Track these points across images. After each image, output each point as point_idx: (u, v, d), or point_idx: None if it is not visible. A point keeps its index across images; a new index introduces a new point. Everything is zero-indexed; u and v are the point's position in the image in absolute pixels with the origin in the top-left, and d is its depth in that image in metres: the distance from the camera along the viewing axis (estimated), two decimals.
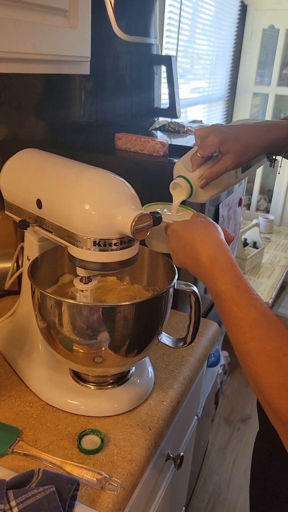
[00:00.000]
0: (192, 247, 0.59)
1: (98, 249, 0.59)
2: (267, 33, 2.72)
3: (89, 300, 0.66)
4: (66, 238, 0.62)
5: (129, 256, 0.62)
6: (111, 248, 0.60)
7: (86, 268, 0.62)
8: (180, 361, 0.82)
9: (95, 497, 0.56)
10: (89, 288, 0.65)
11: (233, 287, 0.53)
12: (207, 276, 0.56)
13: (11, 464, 0.59)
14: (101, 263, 0.60)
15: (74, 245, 0.61)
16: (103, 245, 0.59)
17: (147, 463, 0.64)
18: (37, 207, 0.66)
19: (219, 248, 0.57)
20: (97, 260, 0.60)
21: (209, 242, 0.58)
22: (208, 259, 0.56)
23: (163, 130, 1.25)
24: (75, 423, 0.67)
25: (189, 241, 0.60)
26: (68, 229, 0.61)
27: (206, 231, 0.60)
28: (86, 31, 0.77)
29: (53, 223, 0.64)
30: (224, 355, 2.11)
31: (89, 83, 1.05)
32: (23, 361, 0.76)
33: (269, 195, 3.05)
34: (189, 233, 0.61)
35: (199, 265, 0.58)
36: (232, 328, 0.51)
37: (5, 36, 0.63)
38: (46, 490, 0.51)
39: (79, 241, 0.60)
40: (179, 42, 1.96)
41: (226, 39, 2.56)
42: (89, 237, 0.59)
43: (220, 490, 1.69)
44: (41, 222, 0.67)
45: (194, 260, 0.59)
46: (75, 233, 0.60)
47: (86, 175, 0.61)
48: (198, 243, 0.59)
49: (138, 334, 0.65)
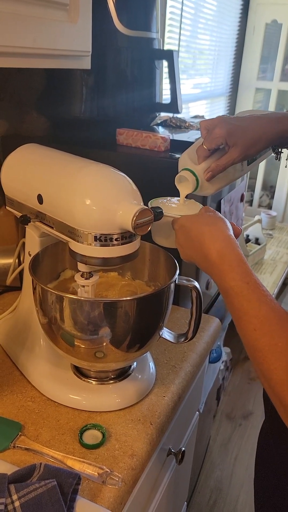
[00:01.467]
0: (201, 242, 0.58)
1: (99, 244, 0.59)
2: (270, 28, 2.70)
3: (90, 296, 0.66)
4: (67, 234, 0.62)
5: (130, 251, 0.62)
6: (112, 243, 0.59)
7: (87, 264, 0.62)
8: (182, 356, 0.82)
9: (96, 492, 0.56)
10: (90, 283, 0.65)
11: (243, 283, 0.52)
12: (216, 272, 0.56)
13: (13, 458, 0.59)
14: (102, 258, 0.60)
15: (75, 240, 0.61)
16: (104, 240, 0.59)
17: (148, 458, 0.64)
18: (38, 203, 0.66)
19: (228, 244, 0.57)
20: (98, 256, 0.60)
21: (218, 238, 0.57)
22: (217, 255, 0.56)
23: (164, 125, 1.24)
24: (77, 418, 0.67)
25: (198, 237, 0.59)
26: (69, 224, 0.61)
27: (215, 226, 0.59)
28: (87, 25, 0.77)
29: (54, 219, 0.64)
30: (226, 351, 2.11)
31: (90, 78, 1.05)
32: (24, 356, 0.76)
33: (272, 191, 3.04)
34: (197, 228, 0.60)
35: (208, 261, 0.57)
36: (243, 325, 0.50)
37: (5, 30, 0.62)
38: (47, 484, 0.51)
39: (80, 236, 0.60)
40: (181, 37, 1.95)
41: (228, 34, 2.54)
42: (90, 232, 0.59)
43: (222, 485, 1.69)
44: (42, 217, 0.67)
45: (203, 256, 0.58)
46: (76, 228, 0.60)
47: (87, 170, 0.61)
48: (206, 238, 0.58)
49: (139, 330, 0.65)
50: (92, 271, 0.65)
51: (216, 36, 2.37)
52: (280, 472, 0.68)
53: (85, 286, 0.66)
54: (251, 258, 2.23)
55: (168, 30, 1.83)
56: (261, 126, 0.70)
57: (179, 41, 1.94)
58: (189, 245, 0.61)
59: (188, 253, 0.62)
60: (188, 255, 0.62)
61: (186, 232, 0.62)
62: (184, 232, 0.62)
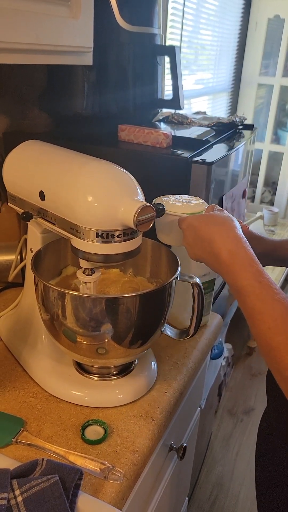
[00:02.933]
0: (211, 242, 0.58)
1: (101, 241, 0.59)
2: (272, 23, 2.69)
3: (92, 292, 0.66)
4: (69, 230, 0.62)
5: (132, 248, 0.62)
6: (114, 240, 0.59)
7: (89, 260, 0.62)
8: (183, 353, 0.82)
9: (98, 487, 0.56)
10: (92, 280, 0.65)
11: (256, 282, 0.52)
12: (228, 272, 0.56)
13: (15, 454, 0.60)
14: (104, 255, 0.60)
15: (77, 237, 0.61)
16: (106, 237, 0.59)
17: (150, 453, 0.64)
18: (40, 199, 0.66)
19: (239, 243, 0.56)
20: (100, 252, 0.60)
21: (228, 237, 0.57)
22: (228, 255, 0.56)
23: (166, 121, 1.24)
24: (79, 414, 0.67)
25: (207, 236, 0.59)
26: (71, 221, 0.61)
27: (224, 225, 0.59)
28: (88, 21, 0.77)
29: (56, 215, 0.64)
30: (228, 348, 2.12)
31: (92, 74, 1.04)
32: (27, 352, 0.76)
33: (274, 187, 3.03)
34: (206, 228, 0.60)
35: (218, 261, 0.57)
36: (257, 324, 0.50)
37: (7, 26, 0.62)
38: (50, 480, 0.51)
39: (82, 233, 0.60)
40: (183, 32, 1.94)
41: (230, 29, 2.53)
42: (92, 229, 0.59)
43: (223, 481, 1.70)
44: (44, 214, 0.67)
45: (213, 255, 0.58)
46: (78, 225, 0.60)
47: (88, 167, 0.61)
48: (216, 238, 0.58)
49: (141, 326, 0.65)
50: (94, 268, 0.65)
51: (218, 31, 2.36)
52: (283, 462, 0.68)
53: (87, 283, 0.66)
54: None
55: (170, 25, 1.82)
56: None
57: (181, 37, 1.93)
58: (198, 244, 0.61)
59: (197, 253, 0.62)
60: (196, 255, 0.62)
61: (194, 231, 0.61)
62: (193, 231, 0.61)
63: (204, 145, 1.03)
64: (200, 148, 0.99)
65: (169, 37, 1.84)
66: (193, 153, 0.95)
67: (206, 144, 1.04)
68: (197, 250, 0.62)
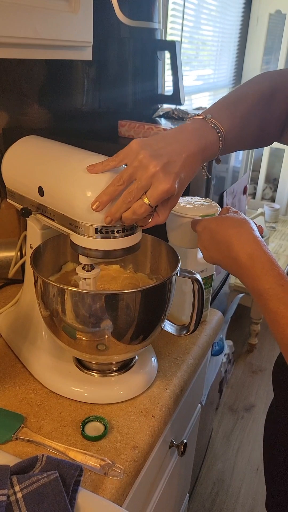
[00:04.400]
0: (229, 245, 0.57)
1: (100, 236, 0.59)
2: (274, 18, 2.67)
3: (92, 288, 0.66)
4: (68, 226, 0.62)
5: (131, 243, 0.62)
6: (113, 236, 0.59)
7: (88, 256, 0.62)
8: (184, 349, 0.82)
9: (98, 483, 0.56)
10: (91, 276, 0.65)
11: (278, 286, 0.52)
12: (248, 275, 0.55)
13: (15, 450, 0.60)
14: (104, 250, 0.60)
15: (76, 232, 0.60)
16: (105, 232, 0.59)
17: (150, 450, 0.64)
18: (39, 195, 0.66)
19: (258, 247, 0.56)
20: (100, 248, 0.60)
21: (247, 240, 0.56)
22: (248, 258, 0.55)
23: (167, 117, 1.23)
24: (79, 410, 0.67)
25: (224, 239, 0.58)
26: (70, 217, 0.61)
27: (242, 228, 0.58)
28: (88, 15, 0.76)
29: (55, 211, 0.64)
30: (228, 344, 2.12)
31: (92, 69, 1.04)
32: (27, 349, 0.76)
33: (275, 184, 3.02)
34: (224, 231, 0.59)
35: (237, 264, 0.56)
36: (280, 328, 0.50)
37: (6, 20, 0.62)
38: (49, 476, 0.51)
39: (81, 228, 0.59)
40: (183, 27, 1.93)
41: (231, 24, 2.52)
42: (91, 225, 0.58)
43: (224, 477, 1.70)
44: (43, 210, 0.67)
45: (231, 259, 0.57)
46: (77, 220, 0.59)
47: (88, 162, 0.61)
48: (234, 241, 0.57)
49: (141, 322, 0.65)
50: (94, 264, 0.65)
51: (219, 27, 2.35)
52: None
53: (86, 279, 0.65)
54: None
55: (170, 20, 1.81)
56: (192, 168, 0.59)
57: (181, 32, 1.92)
58: (215, 247, 0.60)
59: (214, 256, 0.61)
60: (213, 258, 0.61)
61: (211, 234, 0.60)
62: (209, 234, 0.60)
63: None
64: None
65: (169, 32, 1.83)
66: None
67: None
68: (213, 253, 0.61)
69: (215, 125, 0.61)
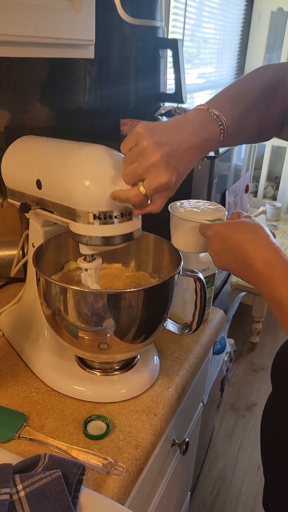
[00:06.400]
0: (243, 251, 0.55)
1: (99, 222, 0.59)
2: (276, 16, 2.67)
3: (93, 279, 0.65)
4: (67, 216, 0.62)
5: (131, 230, 0.61)
6: (112, 221, 0.59)
7: (88, 244, 0.61)
8: (186, 348, 0.82)
9: (100, 482, 0.56)
10: (93, 266, 0.65)
11: None
12: (264, 282, 0.53)
13: (18, 449, 0.60)
14: (103, 237, 0.60)
15: (75, 221, 0.60)
16: (103, 218, 0.59)
17: (152, 448, 0.64)
18: (38, 188, 0.66)
19: (275, 252, 0.54)
20: (99, 234, 0.60)
21: (263, 246, 0.55)
22: (264, 264, 0.53)
23: (169, 115, 1.23)
24: (81, 409, 0.67)
25: (238, 245, 0.56)
26: (68, 205, 0.61)
27: (256, 234, 0.56)
28: (90, 13, 0.76)
29: (53, 202, 0.64)
30: (230, 343, 2.12)
31: (94, 67, 1.04)
32: (29, 347, 0.76)
33: (277, 182, 3.02)
34: (237, 237, 0.57)
35: (252, 271, 0.54)
36: None
37: (7, 18, 0.62)
38: (52, 475, 0.51)
39: (80, 216, 0.59)
40: (185, 26, 1.92)
41: (233, 22, 2.51)
42: (89, 211, 0.58)
43: (226, 475, 1.70)
44: (42, 204, 0.67)
45: (246, 265, 0.55)
46: (75, 208, 0.59)
47: (84, 150, 0.61)
48: (249, 247, 0.55)
49: (143, 321, 0.65)
50: (95, 254, 0.65)
51: (221, 24, 2.34)
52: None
53: (88, 270, 0.65)
54: None
55: (172, 18, 1.81)
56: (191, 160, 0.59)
57: (183, 30, 1.92)
58: (227, 253, 0.58)
59: (226, 262, 0.59)
60: (225, 264, 0.59)
61: (223, 239, 0.58)
62: (221, 240, 0.58)
63: None
64: None
65: (171, 30, 1.83)
66: None
67: None
68: (225, 259, 0.59)
69: (218, 117, 0.60)
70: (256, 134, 0.69)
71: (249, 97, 0.64)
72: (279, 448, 0.72)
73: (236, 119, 0.62)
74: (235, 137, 0.65)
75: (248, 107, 0.64)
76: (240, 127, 0.64)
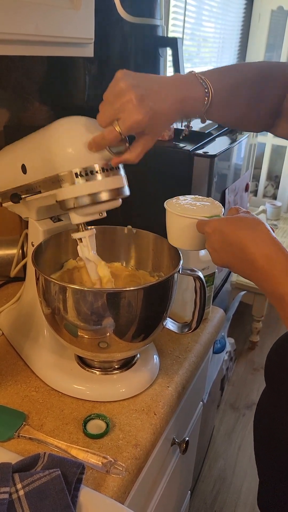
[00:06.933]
0: (243, 247, 0.54)
1: (83, 180, 0.60)
2: (276, 15, 2.66)
3: (89, 248, 0.65)
4: (53, 186, 0.63)
5: (116, 185, 0.62)
6: (95, 177, 0.60)
7: (75, 207, 0.62)
8: (186, 347, 0.82)
9: (100, 481, 0.56)
10: (87, 234, 0.65)
11: None
12: (265, 278, 0.53)
13: (17, 448, 0.60)
14: (89, 195, 0.60)
15: (60, 187, 0.61)
16: (85, 174, 0.60)
17: (152, 447, 0.64)
18: (23, 173, 0.68)
19: (276, 248, 0.53)
20: (84, 192, 0.60)
21: (264, 242, 0.54)
22: (265, 260, 0.53)
23: None
24: (81, 408, 0.67)
25: (238, 240, 0.55)
26: (51, 175, 0.62)
27: (256, 230, 0.55)
28: (89, 12, 0.76)
29: (39, 181, 0.65)
30: (230, 342, 2.12)
31: (93, 66, 1.04)
32: (28, 346, 0.76)
33: (277, 181, 3.02)
34: (237, 232, 0.56)
35: (253, 267, 0.54)
36: None
37: (6, 17, 0.61)
38: (51, 474, 0.51)
39: (63, 179, 0.60)
40: (185, 24, 1.92)
41: (233, 21, 2.51)
42: (71, 170, 0.59)
43: (226, 475, 1.70)
44: (30, 189, 0.68)
45: (246, 261, 0.55)
46: (57, 174, 0.61)
47: (60, 120, 0.63)
48: (250, 243, 0.54)
49: (143, 320, 0.64)
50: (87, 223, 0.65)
51: (221, 23, 2.34)
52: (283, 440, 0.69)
53: (82, 239, 0.65)
54: None
55: (172, 17, 1.80)
56: (170, 108, 0.59)
57: (183, 29, 1.92)
58: (227, 249, 0.57)
59: (225, 258, 0.58)
60: (224, 260, 0.58)
61: (222, 236, 0.57)
62: (220, 236, 0.57)
63: (207, 138, 1.02)
64: (202, 141, 0.99)
65: (171, 29, 1.83)
66: (196, 146, 0.94)
67: (209, 137, 1.03)
68: (224, 256, 0.58)
69: (204, 81, 0.61)
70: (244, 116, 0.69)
71: (240, 73, 0.65)
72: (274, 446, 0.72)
73: (224, 89, 0.63)
74: (227, 113, 0.66)
75: (239, 81, 0.65)
76: (230, 100, 0.64)
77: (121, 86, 0.56)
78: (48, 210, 0.72)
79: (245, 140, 1.16)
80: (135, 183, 1.01)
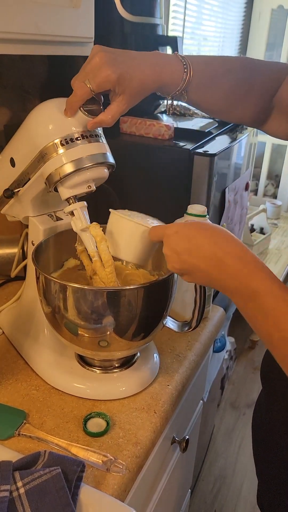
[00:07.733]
0: (213, 247, 0.54)
1: (64, 149, 0.61)
2: (276, 14, 2.66)
3: (82, 220, 0.65)
4: (39, 165, 0.64)
5: (97, 150, 0.64)
6: (76, 144, 0.62)
7: (62, 179, 0.62)
8: (186, 345, 0.82)
9: (100, 479, 0.56)
10: (77, 206, 0.65)
11: (274, 283, 0.50)
12: (236, 275, 0.52)
13: (18, 446, 0.60)
14: (72, 162, 0.62)
15: (46, 161, 0.63)
16: (65, 143, 0.61)
17: (152, 446, 0.64)
18: (12, 167, 0.69)
19: (243, 247, 0.54)
20: (67, 160, 0.62)
21: (232, 241, 0.54)
22: (237, 258, 0.53)
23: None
24: (81, 406, 0.67)
25: (206, 241, 0.55)
26: (36, 154, 0.64)
27: (222, 231, 0.56)
28: (89, 10, 0.76)
29: (27, 169, 0.67)
30: (230, 341, 2.12)
31: None
32: (29, 345, 0.76)
33: (277, 180, 3.02)
34: (203, 232, 0.56)
35: (223, 265, 0.53)
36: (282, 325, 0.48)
37: (6, 16, 0.61)
38: (52, 472, 0.51)
39: (46, 153, 0.62)
40: (185, 23, 1.92)
41: (233, 20, 2.50)
42: (52, 142, 0.61)
43: (226, 473, 1.71)
44: (20, 182, 0.70)
45: (216, 260, 0.54)
46: (41, 150, 0.63)
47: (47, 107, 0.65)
48: (221, 242, 0.54)
49: (143, 319, 0.65)
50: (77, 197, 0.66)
51: (221, 22, 2.34)
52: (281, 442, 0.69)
53: (74, 213, 0.65)
54: (256, 248, 2.22)
55: (172, 16, 1.80)
56: (144, 73, 0.61)
57: (183, 28, 1.91)
58: (192, 251, 0.56)
59: (188, 260, 0.56)
60: (186, 262, 0.57)
61: (187, 238, 0.56)
62: (185, 238, 0.56)
63: (207, 137, 1.02)
64: (202, 140, 0.99)
65: (171, 28, 1.83)
66: (196, 145, 0.94)
67: (209, 136, 1.03)
68: (187, 258, 0.56)
69: (183, 58, 0.63)
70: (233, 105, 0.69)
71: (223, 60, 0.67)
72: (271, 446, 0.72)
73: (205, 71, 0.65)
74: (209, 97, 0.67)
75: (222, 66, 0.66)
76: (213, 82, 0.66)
77: (93, 53, 0.60)
78: (43, 203, 0.73)
79: (245, 139, 1.16)
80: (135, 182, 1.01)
